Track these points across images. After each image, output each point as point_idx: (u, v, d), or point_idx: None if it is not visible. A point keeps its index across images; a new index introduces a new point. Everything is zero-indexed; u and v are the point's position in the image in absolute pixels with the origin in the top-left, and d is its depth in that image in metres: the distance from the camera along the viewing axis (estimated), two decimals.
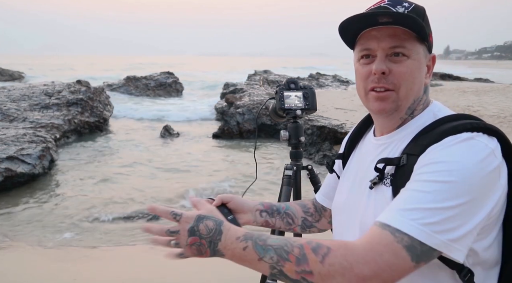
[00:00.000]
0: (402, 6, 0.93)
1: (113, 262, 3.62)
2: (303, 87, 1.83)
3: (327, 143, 7.18)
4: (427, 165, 0.83)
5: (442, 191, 0.78)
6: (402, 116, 0.97)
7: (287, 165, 1.83)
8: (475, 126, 0.85)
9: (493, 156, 0.83)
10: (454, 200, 0.77)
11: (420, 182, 0.81)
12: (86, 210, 4.76)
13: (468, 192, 0.78)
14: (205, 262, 3.53)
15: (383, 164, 0.92)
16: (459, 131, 0.84)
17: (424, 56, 0.95)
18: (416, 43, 0.93)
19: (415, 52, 0.93)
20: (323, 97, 11.21)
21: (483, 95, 13.34)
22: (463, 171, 0.79)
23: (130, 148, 7.95)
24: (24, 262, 3.58)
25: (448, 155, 0.81)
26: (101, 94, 10.11)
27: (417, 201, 0.78)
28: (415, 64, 0.93)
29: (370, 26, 0.93)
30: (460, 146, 0.82)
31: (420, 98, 0.97)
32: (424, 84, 0.97)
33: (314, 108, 1.82)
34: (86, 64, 37.66)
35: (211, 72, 35.49)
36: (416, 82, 0.94)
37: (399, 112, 0.96)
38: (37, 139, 6.42)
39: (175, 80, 17.63)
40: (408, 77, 0.93)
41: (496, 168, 0.82)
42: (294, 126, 1.80)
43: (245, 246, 0.85)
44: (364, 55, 0.96)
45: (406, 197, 0.81)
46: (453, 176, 0.78)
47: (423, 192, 0.79)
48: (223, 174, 6.31)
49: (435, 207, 0.77)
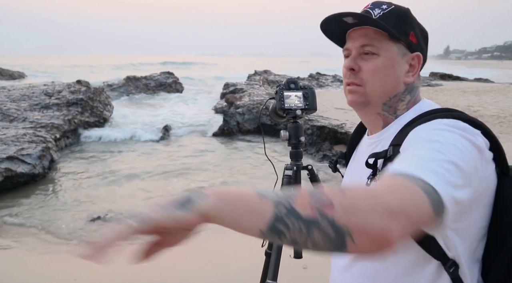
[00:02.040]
0: (379, 9, 0.99)
1: (113, 262, 3.62)
2: (303, 87, 1.82)
3: (327, 143, 7.18)
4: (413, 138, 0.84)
5: (441, 148, 0.77)
6: (379, 112, 1.02)
7: (287, 165, 1.82)
8: (462, 117, 0.88)
9: (479, 136, 0.84)
10: (454, 156, 0.75)
11: (414, 147, 0.81)
12: (86, 210, 4.76)
13: (461, 154, 0.77)
14: (205, 262, 3.55)
15: (373, 159, 0.95)
16: (436, 118, 0.88)
17: (400, 54, 0.99)
18: (388, 42, 0.97)
19: (386, 50, 0.97)
20: (323, 97, 11.21)
21: (483, 95, 13.34)
22: (453, 136, 0.80)
23: (131, 148, 7.95)
24: (24, 262, 3.58)
25: (434, 128, 0.84)
26: (101, 94, 10.11)
27: (423, 155, 0.75)
28: (385, 62, 0.98)
29: (346, 28, 1.02)
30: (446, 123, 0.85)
31: (401, 97, 1.00)
32: (404, 83, 1.00)
33: (314, 108, 1.82)
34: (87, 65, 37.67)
35: (211, 72, 35.48)
36: (388, 80, 0.99)
37: (373, 107, 1.02)
38: (37, 139, 6.43)
39: (175, 80, 17.64)
40: (377, 74, 0.98)
41: (482, 148, 0.83)
42: (294, 126, 1.80)
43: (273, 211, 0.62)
44: (345, 54, 1.04)
45: (407, 155, 0.79)
46: (443, 138, 0.80)
47: (424, 149, 0.78)
48: (224, 173, 6.31)
49: (442, 158, 0.74)
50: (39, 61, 43.17)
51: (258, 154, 7.42)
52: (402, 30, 0.98)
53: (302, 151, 1.84)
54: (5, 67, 22.64)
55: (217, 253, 3.75)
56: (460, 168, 0.74)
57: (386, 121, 1.03)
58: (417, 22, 1.02)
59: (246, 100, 10.05)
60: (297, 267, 3.24)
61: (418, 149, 0.79)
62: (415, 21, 1.02)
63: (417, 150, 0.78)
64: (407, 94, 1.01)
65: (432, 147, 0.77)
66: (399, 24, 0.98)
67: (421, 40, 1.02)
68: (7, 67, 22.81)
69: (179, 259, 3.68)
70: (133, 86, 16.06)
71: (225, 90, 14.50)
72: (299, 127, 1.80)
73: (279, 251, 1.64)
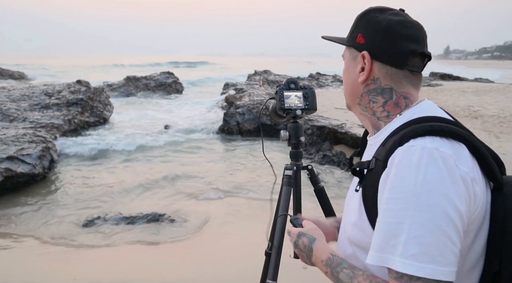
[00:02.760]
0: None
1: (113, 262, 3.62)
2: (303, 87, 1.82)
3: (327, 143, 7.18)
4: (386, 191, 0.85)
5: (407, 218, 0.80)
6: (361, 112, 1.06)
7: (287, 165, 1.82)
8: (443, 129, 0.86)
9: (462, 163, 0.83)
10: (425, 226, 0.78)
11: (383, 211, 0.85)
12: (86, 210, 4.77)
13: (429, 213, 0.79)
14: (205, 262, 3.54)
15: (358, 168, 0.99)
16: (416, 135, 0.86)
17: (352, 57, 1.05)
18: (345, 49, 1.08)
19: (345, 56, 1.09)
20: (323, 97, 11.21)
21: (483, 95, 13.34)
22: (416, 194, 0.80)
23: (131, 148, 7.94)
24: (24, 262, 3.58)
25: (398, 179, 0.83)
26: (101, 94, 10.11)
27: (391, 234, 0.82)
28: (344, 67, 1.09)
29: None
30: (409, 163, 0.83)
31: (371, 99, 1.02)
32: (360, 83, 1.02)
33: (314, 108, 1.82)
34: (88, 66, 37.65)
35: (212, 71, 35.48)
36: (347, 82, 1.08)
37: (353, 108, 1.10)
38: (37, 139, 6.43)
39: (175, 80, 17.64)
40: (343, 78, 1.11)
41: (466, 179, 0.82)
42: (294, 126, 1.80)
43: (325, 271, 1.02)
44: None
45: (380, 231, 0.84)
46: (407, 202, 0.80)
47: (389, 223, 0.82)
48: (224, 173, 6.31)
49: (410, 236, 0.79)
50: (39, 61, 43.17)
51: (258, 153, 7.42)
52: (351, 35, 1.04)
53: (302, 151, 1.84)
54: (5, 67, 22.62)
55: (217, 253, 3.75)
56: (444, 233, 0.78)
57: (375, 124, 1.04)
58: (374, 21, 0.99)
59: (246, 100, 10.05)
60: (297, 267, 3.23)
61: (393, 219, 0.82)
62: (370, 20, 1.00)
63: (384, 217, 0.83)
64: (376, 96, 1.01)
65: (406, 218, 0.80)
66: (351, 30, 1.05)
67: (376, 37, 0.98)
68: (7, 67, 22.79)
69: (179, 259, 3.68)
70: (133, 86, 16.06)
71: (225, 90, 14.51)
72: (299, 127, 1.80)
73: (279, 251, 1.64)
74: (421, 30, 1.00)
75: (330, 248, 1.07)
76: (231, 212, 4.79)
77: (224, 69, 40.94)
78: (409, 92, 0.99)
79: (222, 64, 52.95)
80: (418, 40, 0.98)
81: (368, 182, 0.93)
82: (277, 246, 1.65)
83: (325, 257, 1.03)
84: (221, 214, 4.70)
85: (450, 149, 0.84)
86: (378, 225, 0.84)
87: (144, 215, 4.55)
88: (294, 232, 1.17)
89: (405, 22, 0.98)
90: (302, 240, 1.13)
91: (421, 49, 0.97)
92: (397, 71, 0.98)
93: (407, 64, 0.97)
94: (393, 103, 0.99)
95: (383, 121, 1.01)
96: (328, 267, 1.01)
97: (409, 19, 1.00)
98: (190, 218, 4.56)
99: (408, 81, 0.99)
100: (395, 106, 0.99)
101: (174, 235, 4.14)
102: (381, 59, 0.98)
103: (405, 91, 0.99)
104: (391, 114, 1.00)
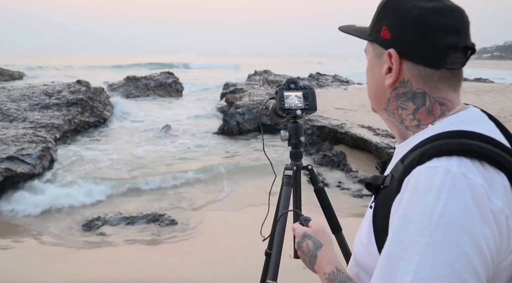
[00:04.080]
0: None
1: (113, 262, 3.62)
2: (303, 87, 1.82)
3: (327, 143, 7.18)
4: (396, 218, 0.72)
5: (417, 254, 0.65)
6: (387, 118, 0.90)
7: (287, 165, 1.82)
8: (466, 149, 0.69)
9: (495, 197, 0.67)
10: (437, 267, 0.63)
11: (390, 241, 0.71)
12: (86, 210, 4.76)
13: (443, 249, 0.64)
14: (205, 262, 3.54)
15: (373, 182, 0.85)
16: (440, 154, 0.70)
17: (376, 55, 0.87)
18: (368, 44, 0.90)
19: (368, 53, 0.90)
20: (323, 97, 11.20)
21: (483, 95, 13.33)
22: (434, 226, 0.65)
23: (131, 148, 7.94)
24: (24, 262, 3.58)
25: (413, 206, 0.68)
26: (101, 94, 10.11)
27: (395, 270, 0.67)
28: (367, 65, 0.91)
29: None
30: (428, 188, 0.67)
31: (400, 105, 0.85)
32: (387, 86, 0.85)
33: (314, 108, 1.82)
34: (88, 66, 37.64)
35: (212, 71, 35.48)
36: (371, 83, 0.91)
37: (378, 112, 0.93)
38: (37, 139, 6.42)
39: (175, 80, 17.63)
40: (367, 78, 0.93)
41: (500, 219, 0.66)
42: (294, 126, 1.80)
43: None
44: None
45: (384, 265, 0.70)
46: (420, 235, 0.66)
47: (394, 258, 0.69)
48: (224, 173, 6.31)
49: (417, 277, 0.64)
50: (39, 61, 43.16)
51: (258, 153, 7.42)
52: (374, 27, 0.86)
53: (302, 151, 1.84)
54: (5, 67, 22.61)
55: (217, 253, 3.75)
56: (460, 279, 0.63)
57: (403, 134, 0.87)
58: (402, 10, 0.81)
59: (246, 100, 10.04)
60: (297, 267, 3.24)
61: (401, 253, 0.67)
62: (397, 9, 0.82)
63: (402, 255, 0.67)
64: (406, 101, 0.84)
65: (415, 254, 0.65)
66: (374, 21, 0.87)
67: (405, 30, 0.80)
68: (7, 67, 22.79)
69: (179, 259, 3.68)
70: (133, 86, 16.05)
71: (225, 90, 14.50)
72: (299, 127, 1.80)
73: (279, 251, 1.65)
74: (463, 17, 0.80)
75: (336, 260, 0.96)
76: (231, 211, 4.79)
77: (224, 69, 40.88)
78: (446, 97, 0.81)
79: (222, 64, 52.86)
80: (459, 31, 0.79)
81: (380, 201, 0.79)
82: (277, 246, 1.65)
83: (329, 270, 0.92)
84: (221, 214, 4.70)
85: (481, 176, 0.68)
86: (383, 257, 0.71)
87: (144, 215, 4.55)
88: (299, 232, 1.05)
89: (442, 9, 0.78)
90: (307, 243, 1.01)
91: (463, 42, 0.79)
92: (432, 72, 0.80)
93: (446, 62, 0.78)
94: (426, 110, 0.82)
95: (411, 131, 0.84)
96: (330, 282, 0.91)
97: (447, 3, 0.80)
98: (190, 218, 4.56)
99: (445, 83, 0.81)
100: (428, 114, 0.82)
101: (174, 235, 4.14)
102: (412, 58, 0.80)
103: (441, 96, 0.81)
104: (422, 124, 0.83)
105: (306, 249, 1.01)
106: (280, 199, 1.78)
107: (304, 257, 1.02)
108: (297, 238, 1.05)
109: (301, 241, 1.03)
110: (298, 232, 1.06)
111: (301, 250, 1.03)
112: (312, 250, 0.99)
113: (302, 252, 1.02)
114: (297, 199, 1.83)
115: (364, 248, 0.84)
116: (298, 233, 1.05)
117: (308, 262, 1.01)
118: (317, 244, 0.99)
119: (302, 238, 1.03)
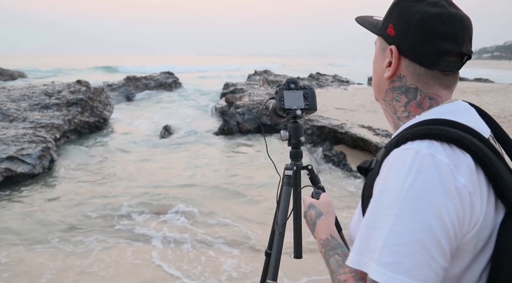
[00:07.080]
0: None
1: (113, 262, 3.62)
2: (303, 87, 1.82)
3: (327, 143, 7.18)
4: (374, 194, 0.80)
5: (388, 224, 0.73)
6: (385, 109, 0.98)
7: (287, 165, 1.82)
8: (435, 133, 0.78)
9: (460, 175, 0.74)
10: (403, 235, 0.71)
11: (368, 213, 0.79)
12: (87, 210, 4.77)
13: (415, 221, 0.71)
14: (205, 262, 3.53)
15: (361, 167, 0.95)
16: (413, 138, 0.79)
17: (381, 48, 0.95)
18: (377, 38, 0.98)
19: (376, 45, 0.98)
20: (323, 97, 11.20)
21: (483, 95, 13.33)
22: (402, 200, 0.73)
23: (131, 148, 7.95)
24: (24, 262, 3.58)
25: (386, 182, 0.77)
26: (101, 94, 10.11)
27: (371, 238, 0.76)
28: (374, 57, 0.99)
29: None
30: (400, 166, 0.76)
31: (395, 97, 0.94)
32: (385, 79, 0.93)
33: (314, 108, 1.82)
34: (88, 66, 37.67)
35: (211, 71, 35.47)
36: (375, 74, 0.99)
37: (379, 101, 1.03)
38: (37, 139, 6.43)
39: (175, 80, 17.64)
40: (372, 69, 1.01)
41: (463, 193, 0.73)
42: (294, 126, 1.80)
43: (320, 250, 1.03)
44: None
45: (362, 234, 0.79)
46: (390, 207, 0.74)
47: (372, 227, 0.77)
48: (224, 172, 6.31)
49: (387, 243, 0.72)
50: (39, 61, 43.16)
51: (258, 153, 7.42)
52: (383, 23, 0.94)
53: (302, 151, 1.84)
54: (5, 67, 22.62)
55: (217, 253, 3.75)
56: (424, 247, 0.70)
57: (396, 124, 0.96)
58: (408, 12, 0.88)
59: (246, 100, 10.04)
60: (297, 267, 3.24)
61: (375, 223, 0.76)
62: (404, 10, 0.88)
63: (367, 219, 0.77)
64: (400, 94, 0.92)
65: (386, 223, 0.73)
66: (384, 18, 0.94)
67: (408, 31, 0.87)
68: (7, 67, 22.79)
69: (179, 259, 3.68)
70: (133, 86, 16.05)
71: (225, 90, 14.50)
72: (299, 127, 1.80)
73: (279, 251, 1.64)
74: (462, 26, 0.86)
75: (332, 229, 1.07)
76: (231, 212, 4.79)
77: (224, 69, 40.89)
78: (437, 93, 0.89)
79: (222, 64, 52.84)
80: (456, 38, 0.85)
81: (367, 183, 0.88)
82: (277, 246, 1.65)
83: (324, 237, 1.04)
84: (222, 214, 4.70)
85: (448, 157, 0.75)
86: (361, 228, 0.79)
87: (144, 214, 4.55)
88: (307, 202, 1.18)
89: (444, 16, 0.84)
90: (311, 212, 1.14)
91: (457, 49, 0.85)
92: (426, 71, 0.87)
93: (438, 64, 0.86)
94: (416, 103, 0.91)
95: (402, 122, 0.93)
96: (323, 248, 1.01)
97: (450, 11, 0.85)
98: (191, 218, 4.56)
99: (437, 82, 0.88)
100: (418, 107, 0.90)
101: (174, 235, 4.14)
102: (410, 56, 0.88)
103: (432, 92, 0.89)
104: (411, 115, 0.91)
105: (309, 217, 1.14)
106: (280, 199, 1.78)
107: (309, 226, 1.14)
108: (304, 208, 1.18)
109: (307, 210, 1.16)
110: (305, 203, 1.19)
111: (306, 219, 1.16)
112: (313, 218, 1.12)
113: (307, 221, 1.15)
114: (297, 199, 1.82)
115: (355, 225, 0.91)
116: (306, 203, 1.18)
117: (310, 230, 1.12)
118: (318, 213, 1.12)
119: (308, 208, 1.17)
